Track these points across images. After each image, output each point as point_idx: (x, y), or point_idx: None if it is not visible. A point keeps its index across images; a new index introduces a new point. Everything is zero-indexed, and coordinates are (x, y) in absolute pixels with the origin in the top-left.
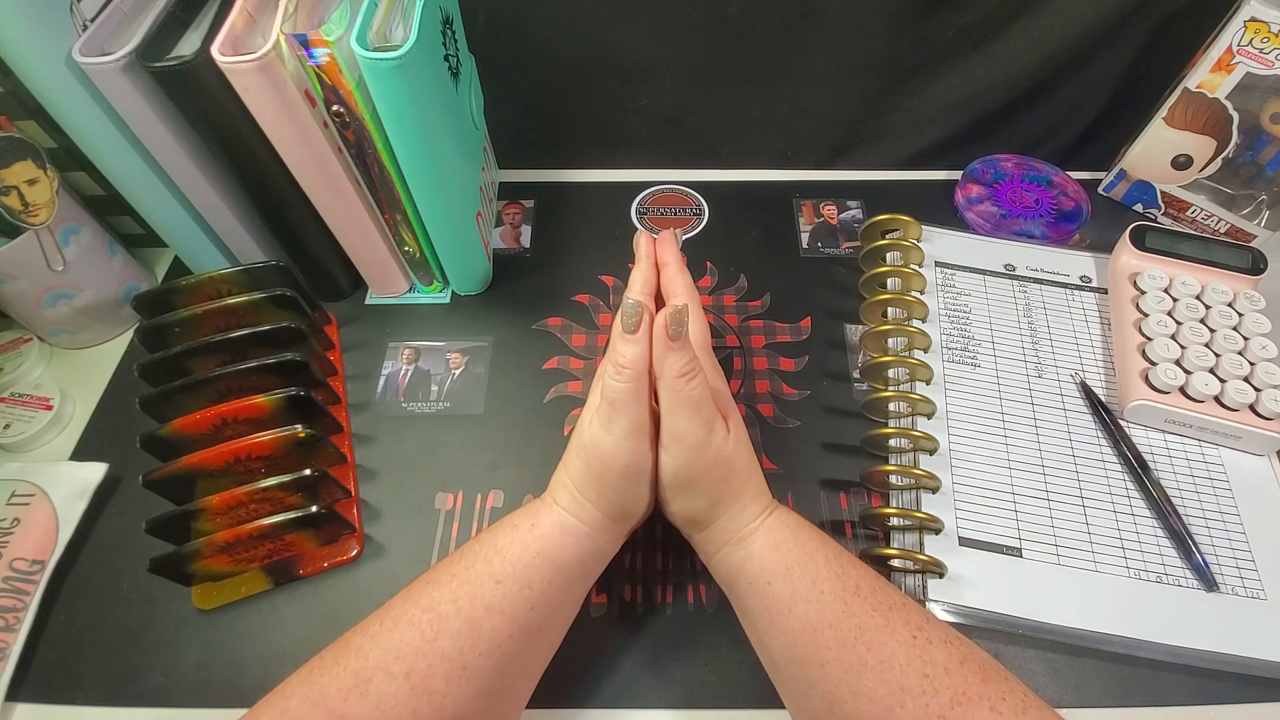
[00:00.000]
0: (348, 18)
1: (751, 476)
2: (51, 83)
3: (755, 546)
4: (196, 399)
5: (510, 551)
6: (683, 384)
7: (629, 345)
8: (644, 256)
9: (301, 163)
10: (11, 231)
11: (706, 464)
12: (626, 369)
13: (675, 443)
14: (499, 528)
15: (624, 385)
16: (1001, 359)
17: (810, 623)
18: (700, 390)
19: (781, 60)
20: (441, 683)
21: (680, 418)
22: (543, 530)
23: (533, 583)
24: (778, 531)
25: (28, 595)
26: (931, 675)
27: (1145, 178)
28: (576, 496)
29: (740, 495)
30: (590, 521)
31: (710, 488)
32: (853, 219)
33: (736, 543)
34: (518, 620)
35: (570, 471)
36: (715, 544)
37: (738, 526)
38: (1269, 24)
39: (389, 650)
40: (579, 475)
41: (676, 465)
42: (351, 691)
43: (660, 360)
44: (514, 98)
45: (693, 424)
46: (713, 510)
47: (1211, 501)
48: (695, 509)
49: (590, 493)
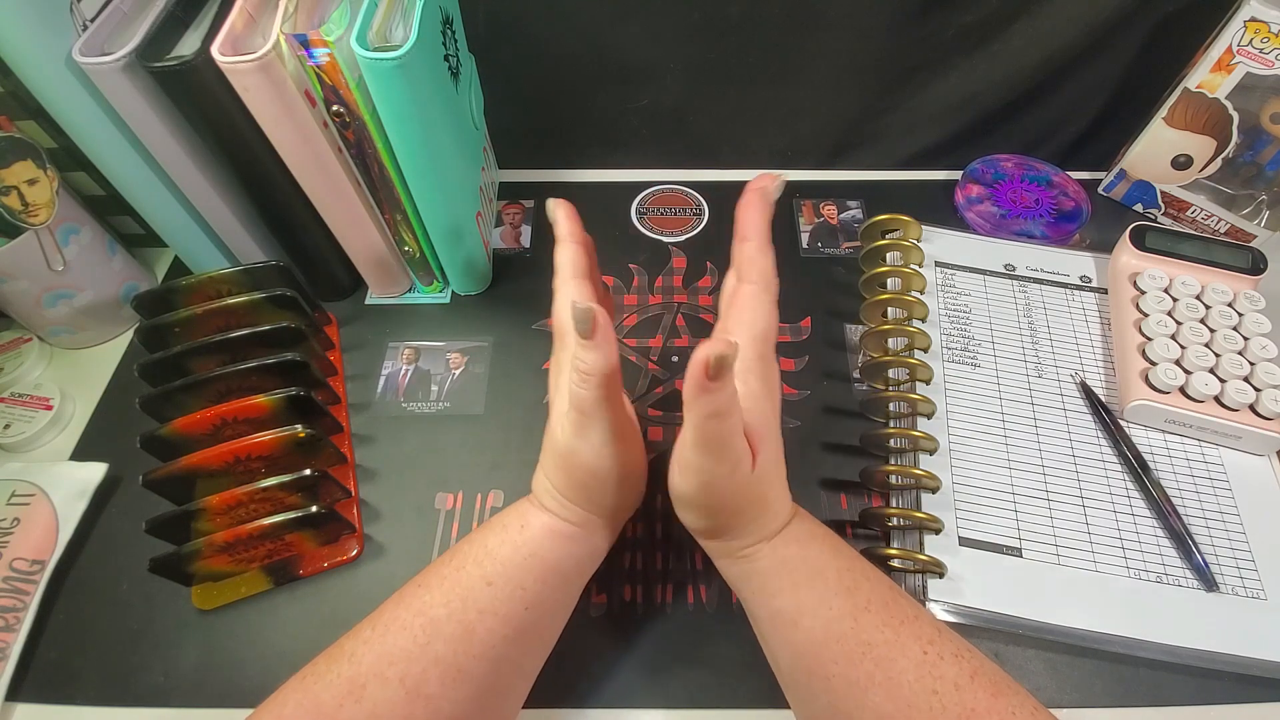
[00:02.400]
0: (348, 18)
1: (770, 503)
2: (51, 83)
3: (760, 562)
4: (196, 399)
5: (501, 553)
6: (713, 424)
7: (589, 351)
8: (565, 236)
9: (301, 163)
10: (11, 231)
11: (721, 496)
12: (590, 375)
13: (694, 475)
14: (488, 529)
15: (591, 394)
16: (1001, 359)
17: (816, 638)
18: (729, 429)
19: (781, 60)
20: (436, 687)
21: (700, 453)
22: (534, 532)
23: (526, 583)
24: (787, 546)
25: (28, 595)
26: (940, 692)
27: (1145, 178)
28: (563, 501)
29: (754, 521)
30: (581, 523)
31: (725, 515)
32: (853, 219)
33: (739, 558)
34: (512, 621)
35: (552, 478)
36: (720, 554)
37: (742, 545)
38: (1269, 24)
39: (382, 656)
40: (562, 483)
41: (693, 494)
42: (346, 699)
43: (692, 399)
44: (514, 98)
45: (713, 462)
46: (720, 531)
47: (1211, 501)
48: (705, 527)
49: (577, 498)
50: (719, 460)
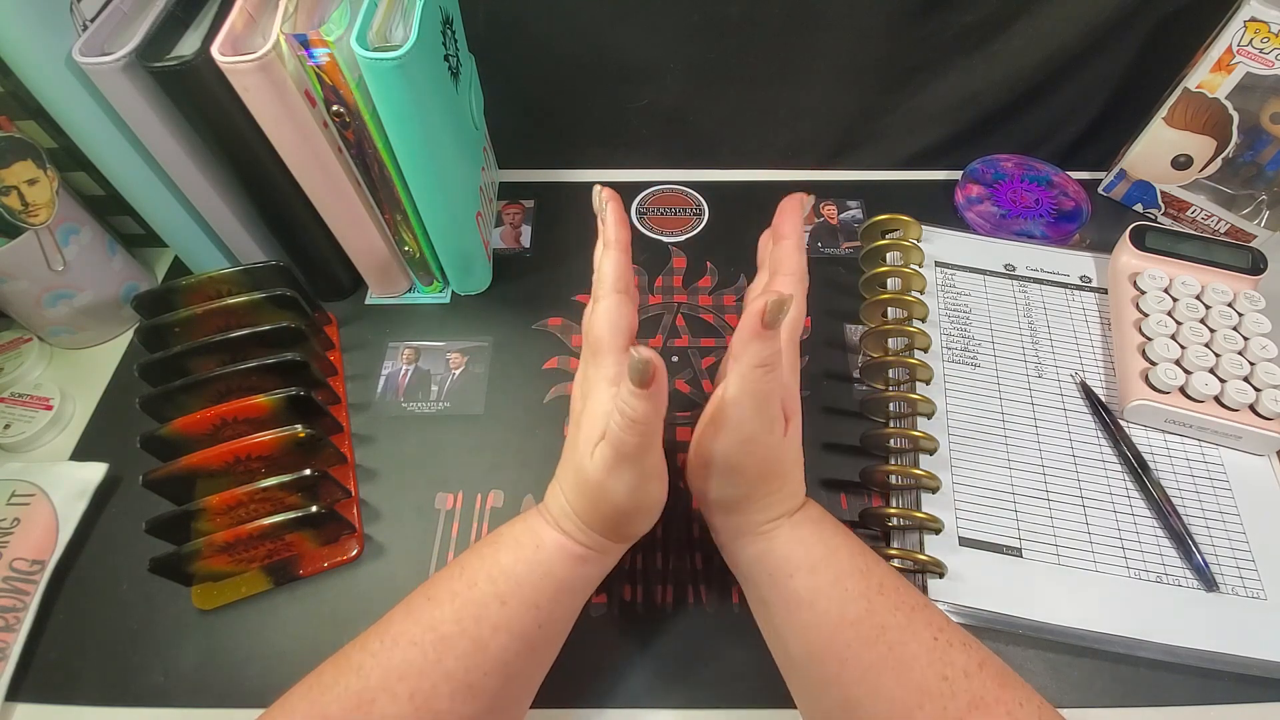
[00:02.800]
0: (348, 18)
1: (793, 476)
2: (51, 83)
3: (779, 540)
4: (196, 399)
5: (516, 571)
6: (759, 375)
7: (641, 401)
8: (612, 241)
9: (301, 163)
10: (11, 231)
11: (756, 459)
12: (639, 424)
13: (732, 430)
14: (500, 545)
15: (636, 440)
16: (1001, 359)
17: (832, 619)
18: (774, 385)
19: (781, 60)
20: (446, 702)
21: (744, 408)
22: (549, 553)
23: (540, 602)
24: (803, 526)
25: (28, 595)
26: (951, 678)
27: (1145, 178)
28: (582, 527)
29: (778, 491)
30: (598, 546)
31: (751, 481)
32: (853, 219)
33: (759, 534)
34: (525, 638)
35: (574, 505)
36: (736, 531)
37: (764, 519)
38: (1269, 24)
39: (391, 670)
40: (585, 512)
41: (726, 451)
42: (354, 713)
43: (744, 345)
44: (514, 98)
45: (755, 417)
46: (746, 500)
47: (1211, 501)
48: (729, 496)
49: (597, 525)
50: (760, 414)
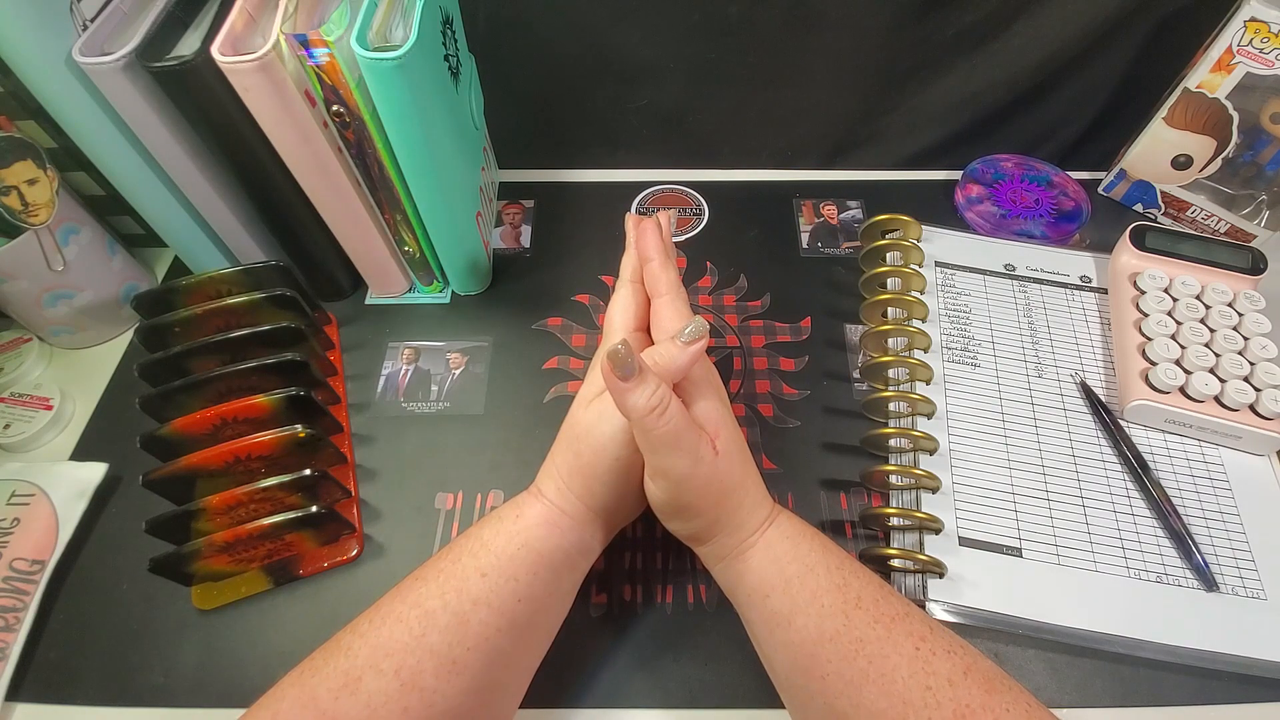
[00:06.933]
0: (348, 18)
1: (748, 489)
2: (51, 83)
3: (754, 560)
4: (196, 399)
5: (495, 544)
6: (652, 421)
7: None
8: (632, 244)
9: (301, 163)
10: (11, 231)
11: (697, 491)
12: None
13: (660, 477)
14: (486, 521)
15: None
16: (1001, 359)
17: (810, 636)
18: (675, 424)
19: (781, 60)
20: (431, 678)
21: (659, 455)
22: (528, 522)
23: (518, 575)
24: (777, 544)
25: (28, 595)
26: (934, 688)
27: (1145, 178)
28: (561, 488)
29: (737, 510)
30: (574, 514)
31: (706, 510)
32: (853, 219)
33: (735, 557)
34: (505, 614)
35: (558, 463)
36: (714, 557)
37: (736, 541)
38: (1269, 24)
39: (378, 648)
40: (566, 466)
41: (665, 497)
42: (342, 691)
43: (621, 404)
44: (514, 98)
45: (674, 459)
46: (713, 526)
47: (1211, 501)
48: (695, 529)
49: (575, 484)
50: (678, 454)
